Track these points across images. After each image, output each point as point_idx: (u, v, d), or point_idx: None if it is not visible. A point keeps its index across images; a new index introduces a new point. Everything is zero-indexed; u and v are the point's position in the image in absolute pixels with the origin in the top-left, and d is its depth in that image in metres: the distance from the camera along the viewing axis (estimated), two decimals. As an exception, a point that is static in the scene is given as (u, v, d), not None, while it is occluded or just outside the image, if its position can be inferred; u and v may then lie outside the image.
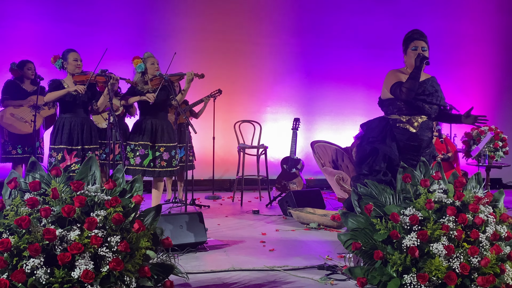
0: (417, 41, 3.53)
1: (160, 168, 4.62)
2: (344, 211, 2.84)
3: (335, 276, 3.26)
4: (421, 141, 3.47)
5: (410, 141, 3.47)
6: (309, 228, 4.90)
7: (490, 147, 6.05)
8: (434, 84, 3.55)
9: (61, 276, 2.07)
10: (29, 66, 5.64)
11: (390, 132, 3.51)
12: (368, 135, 3.60)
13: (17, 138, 5.52)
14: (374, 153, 3.51)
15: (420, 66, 3.39)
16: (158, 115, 4.69)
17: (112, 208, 2.29)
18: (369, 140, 3.57)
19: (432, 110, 3.52)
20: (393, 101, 3.53)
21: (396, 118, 3.52)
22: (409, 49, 3.54)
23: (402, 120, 3.49)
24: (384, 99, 3.60)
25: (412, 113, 3.49)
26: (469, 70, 8.45)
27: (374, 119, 3.71)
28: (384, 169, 3.44)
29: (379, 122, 3.61)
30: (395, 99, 3.50)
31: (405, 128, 3.48)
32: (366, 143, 3.59)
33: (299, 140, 7.10)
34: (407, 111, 3.49)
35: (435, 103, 3.50)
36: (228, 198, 6.73)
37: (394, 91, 3.45)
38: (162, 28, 7.48)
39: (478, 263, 2.42)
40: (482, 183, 2.88)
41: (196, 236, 3.96)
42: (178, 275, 2.54)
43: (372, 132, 3.58)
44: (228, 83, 7.51)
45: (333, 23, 8.03)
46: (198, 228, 4.01)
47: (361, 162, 3.59)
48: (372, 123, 3.68)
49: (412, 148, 3.48)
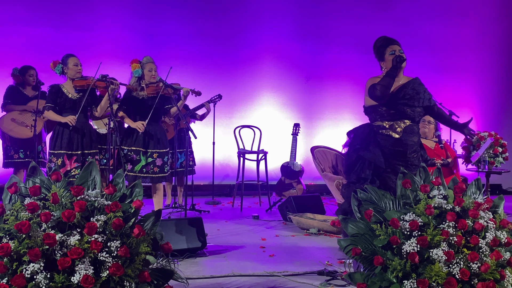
0: (393, 45, 3.54)
1: (153, 174, 4.60)
2: (344, 217, 2.84)
3: (335, 282, 3.26)
4: (405, 146, 3.45)
5: (394, 146, 3.46)
6: (309, 233, 4.90)
7: (490, 153, 6.04)
8: (416, 86, 3.50)
9: (61, 281, 2.07)
10: (30, 73, 5.66)
11: (374, 138, 3.51)
12: (354, 143, 3.59)
13: (20, 142, 5.53)
14: (359, 161, 3.51)
15: (397, 66, 3.40)
16: (152, 121, 4.62)
17: (112, 213, 2.29)
18: (355, 148, 3.57)
19: (416, 113, 3.51)
20: (375, 108, 3.53)
21: (380, 125, 3.51)
22: (387, 54, 3.53)
23: (385, 126, 3.49)
24: (367, 107, 3.61)
25: (394, 118, 3.48)
26: (469, 76, 8.45)
27: (359, 126, 3.70)
28: (370, 177, 3.43)
29: (363, 129, 3.61)
30: (377, 105, 3.50)
31: (388, 134, 3.47)
32: (352, 150, 3.58)
33: (299, 145, 7.10)
34: (389, 117, 3.48)
35: (417, 105, 3.49)
36: (228, 203, 6.73)
37: (370, 92, 3.45)
38: (162, 33, 7.50)
39: (478, 269, 2.42)
40: (482, 189, 2.89)
41: (195, 241, 3.95)
42: (178, 280, 2.54)
43: (357, 139, 3.58)
44: (228, 88, 7.52)
45: (333, 29, 8.05)
46: (197, 233, 4.00)
47: (349, 170, 3.59)
48: (357, 130, 3.67)
49: (398, 154, 3.46)
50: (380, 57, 3.57)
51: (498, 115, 8.53)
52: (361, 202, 2.83)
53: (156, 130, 4.67)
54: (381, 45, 3.57)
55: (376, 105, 3.51)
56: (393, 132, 3.46)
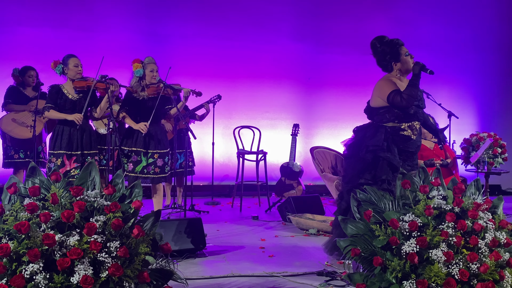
0: (403, 47, 3.54)
1: (154, 175, 4.60)
2: (344, 217, 2.84)
3: (334, 282, 3.26)
4: (417, 147, 3.48)
5: (408, 147, 3.46)
6: (308, 234, 4.90)
7: (489, 153, 6.05)
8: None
9: (60, 282, 2.07)
10: (30, 74, 5.66)
11: (392, 140, 3.49)
12: (367, 144, 3.53)
13: (20, 142, 5.53)
14: (377, 162, 3.46)
15: (419, 75, 3.39)
16: (152, 122, 4.61)
17: (112, 213, 2.29)
18: (368, 149, 3.50)
19: (421, 115, 3.53)
20: (389, 109, 3.50)
21: (395, 126, 3.49)
22: (403, 56, 3.52)
23: (403, 128, 3.47)
24: (378, 107, 3.56)
25: (410, 120, 3.48)
26: (468, 77, 8.46)
27: (368, 127, 3.64)
28: (391, 178, 3.40)
29: (376, 130, 3.55)
30: (392, 106, 3.47)
31: (408, 136, 3.46)
32: (366, 151, 3.51)
33: (299, 146, 7.10)
34: (406, 118, 3.48)
35: (422, 107, 3.51)
36: (228, 203, 6.73)
37: (393, 99, 3.42)
38: (162, 33, 7.50)
39: (477, 269, 2.42)
40: (481, 189, 2.89)
41: (195, 242, 3.95)
42: (177, 281, 2.54)
43: (371, 140, 3.52)
44: (228, 88, 7.52)
45: (333, 30, 8.05)
46: (197, 233, 4.00)
47: (362, 171, 3.52)
48: (367, 131, 3.61)
49: (410, 155, 3.47)
50: (395, 57, 3.54)
51: (497, 116, 8.53)
52: (361, 202, 2.83)
53: (157, 130, 4.67)
54: (395, 43, 3.54)
55: (389, 106, 3.48)
56: (412, 133, 3.47)
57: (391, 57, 3.55)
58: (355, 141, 3.66)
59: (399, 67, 3.55)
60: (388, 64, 3.60)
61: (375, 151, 3.47)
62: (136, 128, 4.54)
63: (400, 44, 3.55)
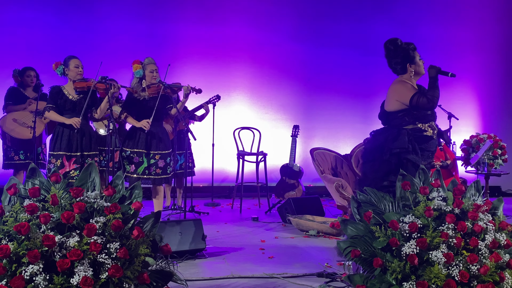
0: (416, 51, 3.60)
1: (155, 176, 4.59)
2: (344, 218, 2.84)
3: (334, 284, 3.26)
4: (436, 147, 3.52)
5: (429, 147, 3.49)
6: (308, 235, 4.90)
7: (489, 155, 6.05)
8: None
9: (60, 283, 2.06)
10: (28, 74, 5.66)
11: (414, 142, 3.50)
12: (390, 147, 3.50)
13: (20, 143, 5.52)
14: (403, 165, 3.43)
15: (437, 77, 3.46)
16: (154, 122, 4.59)
17: (112, 214, 2.29)
18: (392, 152, 3.48)
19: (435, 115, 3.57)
20: (408, 112, 3.50)
21: (416, 127, 3.50)
22: (417, 58, 3.59)
23: (424, 129, 3.49)
24: (396, 111, 3.54)
25: (429, 120, 3.52)
26: (468, 78, 8.46)
27: (387, 130, 3.61)
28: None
29: (398, 133, 3.52)
30: (411, 109, 3.48)
31: (429, 136, 3.49)
32: (390, 154, 3.49)
33: (298, 147, 7.10)
34: (425, 119, 3.51)
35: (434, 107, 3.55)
36: (227, 205, 6.73)
37: (418, 101, 3.43)
38: (162, 35, 7.50)
39: (477, 270, 2.42)
40: (481, 190, 2.89)
41: (195, 243, 3.95)
42: (177, 282, 2.54)
43: (394, 143, 3.49)
44: (228, 90, 7.52)
45: (333, 31, 8.06)
46: (197, 235, 4.00)
47: (386, 174, 3.49)
48: (389, 134, 3.57)
49: (430, 154, 3.51)
50: (410, 60, 3.58)
51: (497, 117, 8.53)
52: (361, 204, 2.83)
53: (158, 131, 4.66)
54: (412, 47, 3.59)
55: (407, 108, 3.49)
56: (432, 133, 3.50)
57: (407, 59, 3.58)
58: (376, 145, 3.64)
59: (414, 68, 3.58)
60: (403, 66, 3.61)
61: (399, 154, 3.47)
62: (139, 126, 4.53)
63: (415, 48, 3.60)
